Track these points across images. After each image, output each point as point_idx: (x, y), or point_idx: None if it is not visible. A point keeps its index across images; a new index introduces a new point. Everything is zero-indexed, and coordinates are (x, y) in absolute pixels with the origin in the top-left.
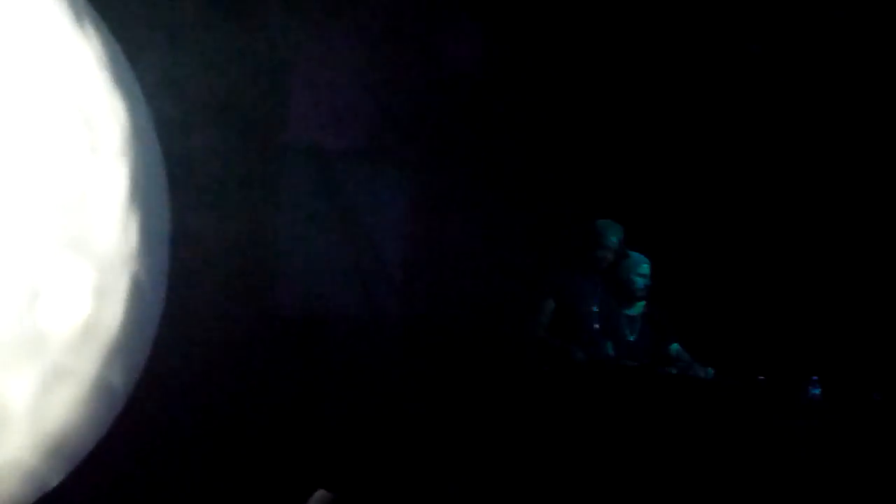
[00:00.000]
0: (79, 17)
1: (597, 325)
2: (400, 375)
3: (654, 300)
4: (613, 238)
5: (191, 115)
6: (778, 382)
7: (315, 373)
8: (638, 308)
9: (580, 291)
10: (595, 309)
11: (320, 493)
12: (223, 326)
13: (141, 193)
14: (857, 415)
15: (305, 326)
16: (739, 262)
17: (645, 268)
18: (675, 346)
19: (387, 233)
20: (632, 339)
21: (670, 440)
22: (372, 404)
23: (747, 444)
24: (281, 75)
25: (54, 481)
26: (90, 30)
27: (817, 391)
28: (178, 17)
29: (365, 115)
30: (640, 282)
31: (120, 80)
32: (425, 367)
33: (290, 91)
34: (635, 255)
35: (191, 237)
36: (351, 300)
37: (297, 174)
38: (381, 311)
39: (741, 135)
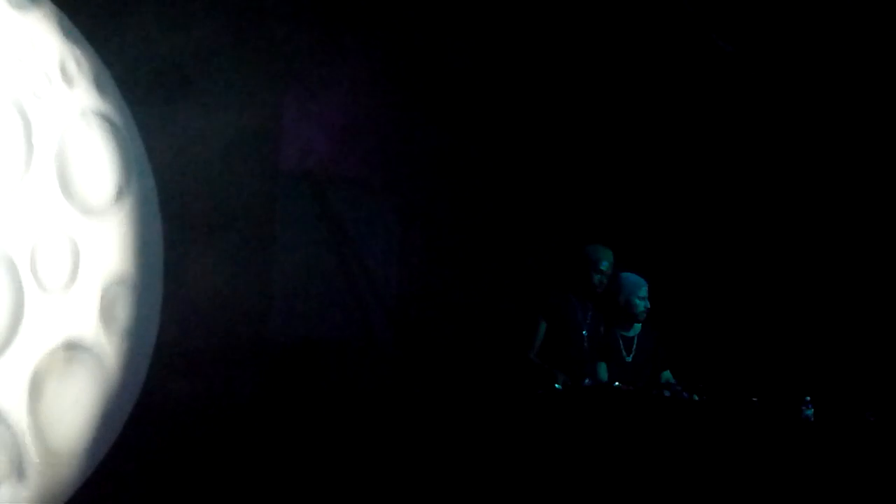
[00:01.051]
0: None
1: (586, 346)
2: (393, 397)
3: (647, 321)
4: (605, 262)
5: (185, 148)
6: (771, 404)
7: (310, 394)
8: (635, 329)
9: (572, 314)
10: (585, 333)
11: None
12: (221, 352)
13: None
14: (852, 435)
15: (301, 350)
16: (730, 283)
17: (644, 290)
18: (666, 374)
19: (380, 256)
20: (629, 359)
21: (665, 461)
22: (365, 424)
23: (743, 465)
24: (275, 105)
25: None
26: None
27: (810, 412)
28: (173, 52)
29: (358, 143)
30: (640, 304)
31: (115, 117)
32: (418, 389)
33: (283, 120)
34: (634, 278)
35: (187, 265)
36: (345, 323)
37: (292, 200)
38: (375, 333)
39: (727, 158)
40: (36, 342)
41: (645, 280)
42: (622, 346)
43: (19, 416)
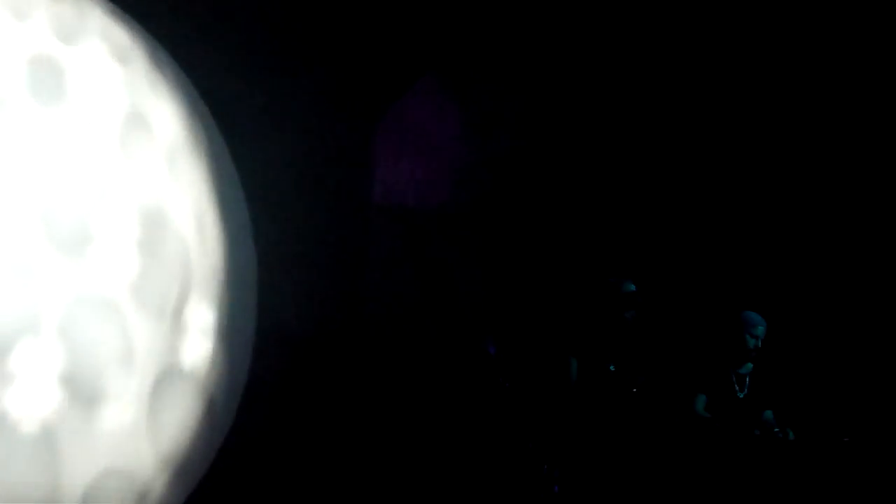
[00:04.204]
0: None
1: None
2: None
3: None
4: (638, 298)
5: (279, 183)
6: (864, 443)
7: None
8: (747, 367)
9: (601, 351)
10: (612, 367)
11: None
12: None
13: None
14: None
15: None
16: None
17: (761, 330)
18: (767, 413)
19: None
20: (741, 396)
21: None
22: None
23: None
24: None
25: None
26: (180, 101)
27: None
28: (267, 87)
29: (447, 178)
30: (751, 342)
31: (208, 150)
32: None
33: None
34: (753, 316)
35: (279, 305)
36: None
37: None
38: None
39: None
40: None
41: (763, 319)
42: (735, 382)
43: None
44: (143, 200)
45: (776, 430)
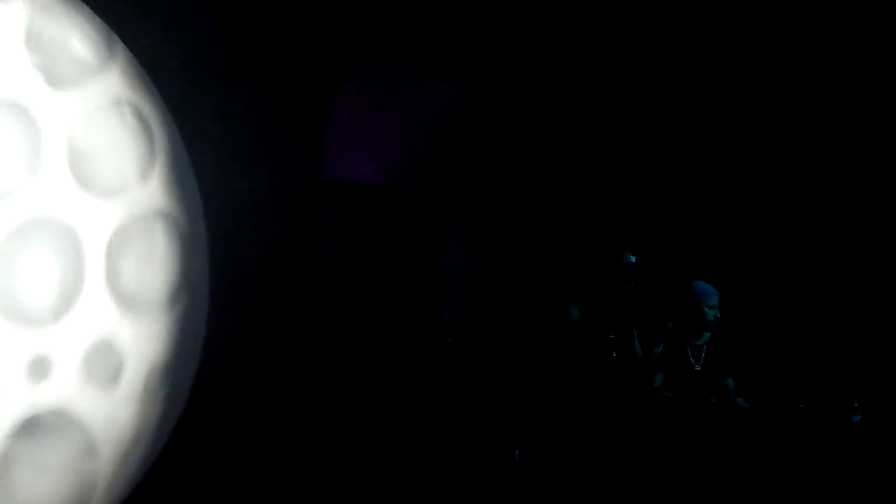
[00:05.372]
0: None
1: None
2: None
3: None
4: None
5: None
6: (818, 409)
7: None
8: (704, 338)
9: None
10: (612, 336)
11: None
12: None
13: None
14: None
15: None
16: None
17: (715, 300)
18: (728, 381)
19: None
20: (698, 368)
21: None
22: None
23: (790, 471)
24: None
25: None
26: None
27: (858, 418)
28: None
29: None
30: (709, 313)
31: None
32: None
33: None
34: (705, 286)
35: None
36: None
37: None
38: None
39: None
40: None
41: (716, 289)
42: (691, 356)
43: None
44: None
45: (735, 398)
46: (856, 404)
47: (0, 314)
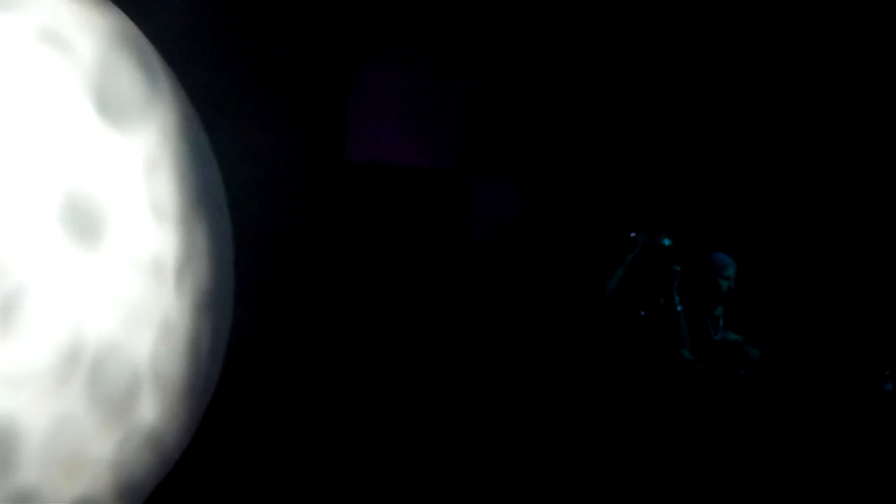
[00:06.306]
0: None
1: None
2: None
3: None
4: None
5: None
6: (850, 379)
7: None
8: (719, 310)
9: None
10: (643, 312)
11: None
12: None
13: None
14: None
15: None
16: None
17: (731, 270)
18: (755, 351)
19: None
20: (716, 338)
21: (751, 439)
22: None
23: (823, 441)
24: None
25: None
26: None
27: (889, 386)
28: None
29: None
30: (724, 284)
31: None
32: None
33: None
34: (722, 257)
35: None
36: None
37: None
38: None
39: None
40: None
41: (733, 260)
42: (710, 326)
43: None
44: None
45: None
46: (887, 372)
47: None
